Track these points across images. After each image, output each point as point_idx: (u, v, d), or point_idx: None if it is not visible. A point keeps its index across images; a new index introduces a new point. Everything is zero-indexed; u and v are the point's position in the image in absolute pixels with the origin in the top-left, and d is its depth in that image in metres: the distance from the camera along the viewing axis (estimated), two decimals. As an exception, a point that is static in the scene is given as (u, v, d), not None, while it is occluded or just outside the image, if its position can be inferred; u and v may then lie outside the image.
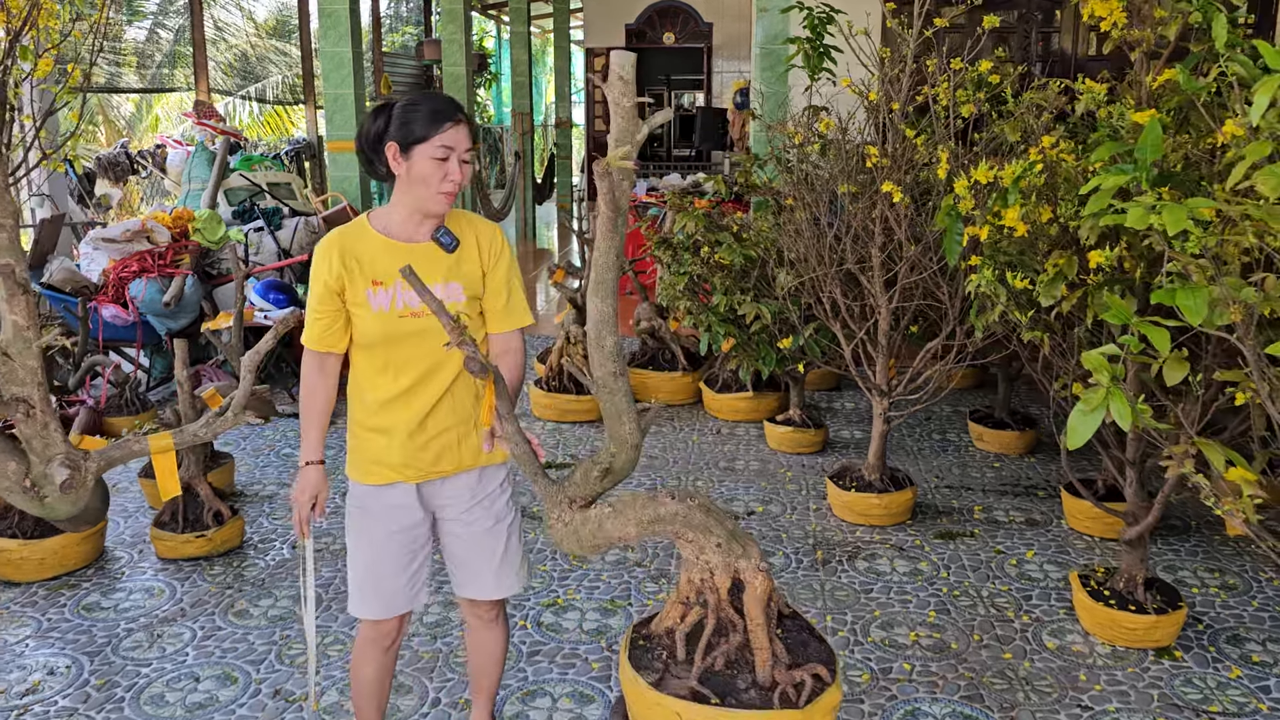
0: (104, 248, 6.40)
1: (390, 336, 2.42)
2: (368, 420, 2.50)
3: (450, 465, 2.52)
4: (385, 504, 2.54)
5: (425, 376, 2.42)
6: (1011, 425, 5.44)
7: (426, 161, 2.31)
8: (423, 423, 2.46)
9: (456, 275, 2.42)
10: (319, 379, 2.52)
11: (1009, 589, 3.91)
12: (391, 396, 2.46)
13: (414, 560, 2.58)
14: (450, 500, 2.57)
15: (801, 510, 4.70)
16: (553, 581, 3.98)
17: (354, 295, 2.41)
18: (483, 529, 2.58)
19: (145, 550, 4.28)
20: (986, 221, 3.13)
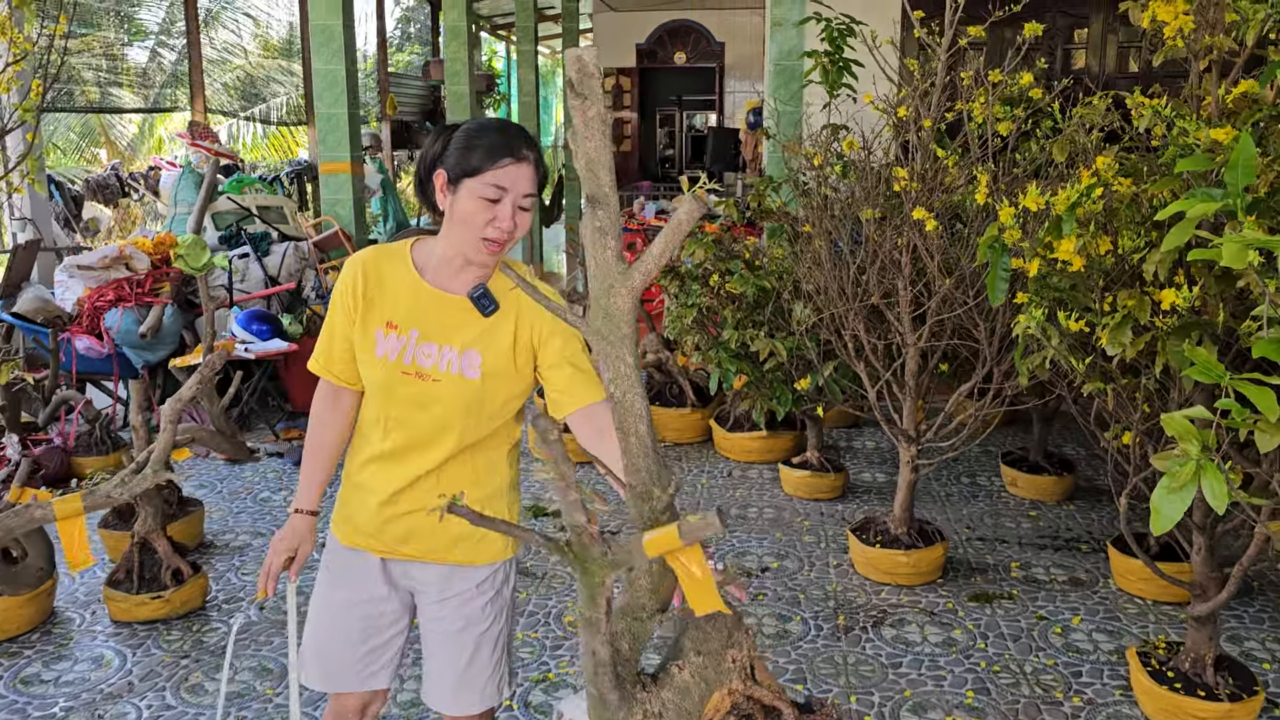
0: (79, 275, 6.05)
1: (386, 391, 2.08)
2: (354, 471, 2.18)
3: (417, 550, 2.16)
4: (349, 568, 2.20)
5: (414, 446, 2.08)
6: (1048, 469, 5.01)
7: (473, 200, 1.94)
8: (397, 494, 2.11)
9: (480, 344, 2.04)
10: (329, 414, 2.19)
11: (1055, 663, 3.49)
12: (376, 454, 2.12)
13: (370, 638, 2.22)
14: (420, 587, 2.22)
15: (820, 567, 4.28)
16: (544, 652, 3.57)
17: (363, 332, 2.07)
18: (449, 630, 2.20)
19: (99, 612, 3.89)
20: (1036, 254, 2.72)
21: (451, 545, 2.14)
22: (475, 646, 2.18)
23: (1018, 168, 3.59)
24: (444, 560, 2.16)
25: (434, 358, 2.03)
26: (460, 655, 2.19)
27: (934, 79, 3.54)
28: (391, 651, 2.26)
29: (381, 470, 2.11)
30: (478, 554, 2.17)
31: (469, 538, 2.15)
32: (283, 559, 2.16)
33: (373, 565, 2.18)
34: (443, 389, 2.03)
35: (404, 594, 2.23)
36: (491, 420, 2.10)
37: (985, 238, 2.71)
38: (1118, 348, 2.45)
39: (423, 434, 2.07)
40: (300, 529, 2.18)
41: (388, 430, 2.09)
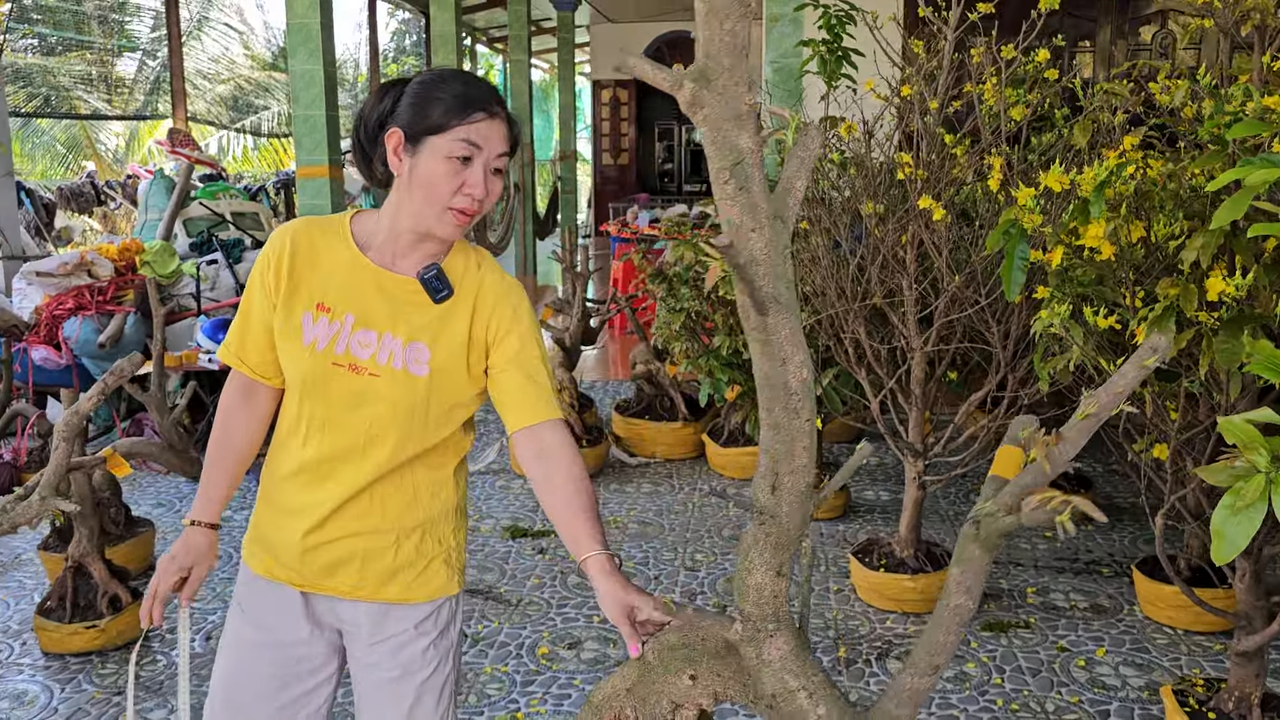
0: (38, 282, 5.75)
1: (311, 386, 1.75)
2: (267, 487, 1.85)
3: (345, 586, 1.82)
4: (263, 603, 1.85)
5: (340, 455, 1.75)
6: (1064, 486, 4.67)
7: (439, 161, 1.66)
8: (322, 519, 1.77)
9: (428, 335, 1.75)
10: (239, 413, 1.85)
11: (1080, 700, 3.14)
12: (296, 467, 1.78)
13: (290, 687, 1.86)
14: (348, 628, 1.87)
15: (820, 592, 3.94)
16: (514, 688, 3.23)
17: (285, 318, 1.75)
18: (383, 679, 1.85)
19: (30, 642, 3.56)
20: (1059, 241, 2.40)
21: (386, 579, 1.81)
22: (415, 698, 1.84)
23: (1033, 154, 3.27)
24: (375, 598, 1.82)
25: (372, 347, 1.72)
26: (397, 708, 1.84)
27: (941, 57, 3.23)
28: (317, 703, 1.90)
29: (303, 488, 1.78)
30: (417, 589, 1.83)
31: (408, 568, 1.82)
32: (173, 580, 1.81)
33: (292, 600, 1.83)
34: (381, 386, 1.72)
35: (330, 634, 1.88)
36: (435, 429, 1.78)
37: (1001, 223, 2.39)
38: (1160, 343, 2.12)
39: (351, 440, 1.74)
40: (197, 544, 1.83)
41: (309, 435, 1.76)
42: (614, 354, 7.84)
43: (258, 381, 1.82)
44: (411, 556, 1.81)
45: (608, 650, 3.45)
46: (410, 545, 1.80)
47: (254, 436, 1.86)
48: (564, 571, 4.11)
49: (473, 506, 4.87)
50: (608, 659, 3.40)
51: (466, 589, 3.90)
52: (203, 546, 1.84)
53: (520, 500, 4.96)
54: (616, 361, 7.66)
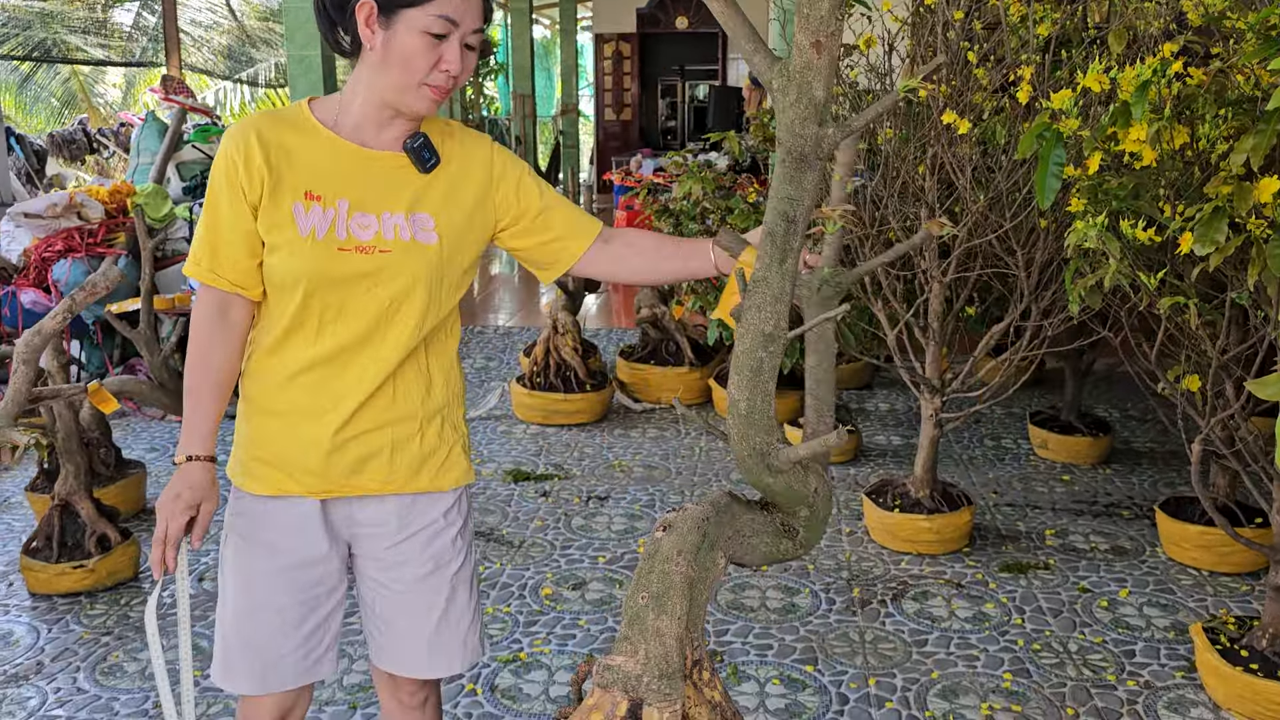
0: (26, 224, 5.59)
1: (319, 277, 1.65)
2: (265, 398, 1.72)
3: (375, 482, 1.74)
4: (275, 526, 1.73)
5: (360, 342, 1.68)
6: (1082, 430, 4.54)
7: (415, 36, 1.58)
8: (350, 412, 1.69)
9: (428, 204, 1.70)
10: (218, 331, 1.71)
11: (1103, 640, 3.03)
12: (304, 365, 1.68)
13: (311, 615, 1.77)
14: (370, 530, 1.77)
15: (832, 534, 3.82)
16: (516, 628, 3.12)
17: (273, 211, 1.64)
18: (414, 576, 1.79)
19: (17, 583, 3.45)
20: (1097, 147, 2.25)
21: (416, 468, 1.76)
22: (450, 590, 1.80)
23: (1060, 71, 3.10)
24: (406, 489, 1.76)
25: (374, 228, 1.66)
26: (434, 604, 1.80)
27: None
28: (334, 628, 1.82)
29: (318, 385, 1.69)
30: (443, 477, 1.79)
31: (433, 456, 1.77)
32: (183, 520, 1.66)
33: (308, 513, 1.73)
34: (394, 261, 1.66)
35: (343, 548, 1.80)
36: (450, 296, 1.74)
37: (1034, 126, 2.23)
38: (1209, 246, 1.97)
39: (369, 323, 1.67)
40: (199, 480, 1.68)
41: (321, 327, 1.67)
42: (617, 302, 7.69)
43: (234, 295, 1.69)
44: (435, 443, 1.77)
45: (613, 591, 3.34)
46: (433, 432, 1.77)
47: (234, 359, 1.72)
48: (567, 514, 4.00)
49: (474, 451, 4.74)
50: (613, 600, 3.28)
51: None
52: (205, 481, 1.69)
53: (522, 445, 4.83)
54: (620, 309, 7.52)
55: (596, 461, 4.59)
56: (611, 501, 4.13)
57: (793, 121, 1.27)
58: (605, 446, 4.80)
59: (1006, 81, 3.12)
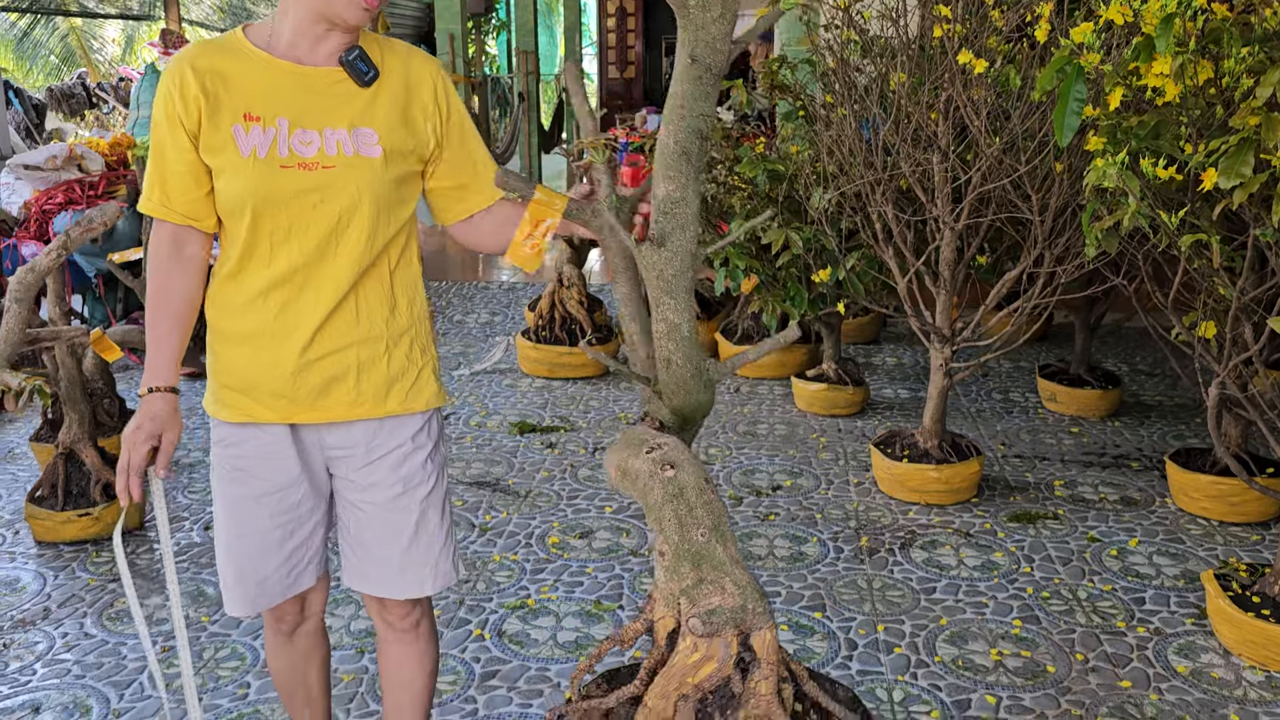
0: (26, 177, 5.53)
1: (265, 196, 1.65)
2: (228, 325, 1.73)
3: (340, 406, 1.74)
4: (248, 453, 1.76)
5: (315, 260, 1.69)
6: (1091, 383, 4.51)
7: None
8: (312, 332, 1.69)
9: (369, 119, 1.70)
10: (174, 265, 1.71)
11: (1113, 588, 3.01)
12: (262, 289, 1.70)
13: (292, 536, 1.80)
14: (341, 453, 1.79)
15: (840, 485, 3.80)
16: (523, 575, 3.11)
17: (213, 135, 1.65)
18: (385, 497, 1.81)
19: (23, 532, 3.44)
20: (1118, 82, 2.20)
21: (384, 391, 1.76)
22: (420, 513, 1.82)
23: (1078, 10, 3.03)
24: (374, 413, 1.76)
25: (316, 144, 1.66)
26: (404, 525, 1.81)
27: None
28: (316, 544, 1.86)
29: (279, 308, 1.69)
30: (413, 399, 1.80)
31: (401, 378, 1.78)
32: (144, 450, 1.67)
33: (279, 438, 1.75)
34: (339, 176, 1.66)
35: (319, 471, 1.81)
36: (401, 209, 1.74)
37: (1054, 60, 2.18)
38: (1234, 179, 1.93)
39: (322, 238, 1.67)
40: (160, 411, 1.69)
41: (274, 249, 1.67)
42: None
43: (187, 227, 1.70)
44: (403, 365, 1.78)
45: (620, 540, 3.33)
46: (400, 353, 1.77)
47: (193, 291, 1.73)
48: (573, 465, 3.98)
49: (480, 404, 4.73)
50: (620, 548, 3.27)
51: (474, 481, 3.77)
52: (166, 412, 1.71)
53: (529, 398, 4.81)
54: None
55: (602, 414, 4.57)
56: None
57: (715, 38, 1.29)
58: (610, 399, 4.78)
59: (1023, 21, 3.06)
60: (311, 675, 2.02)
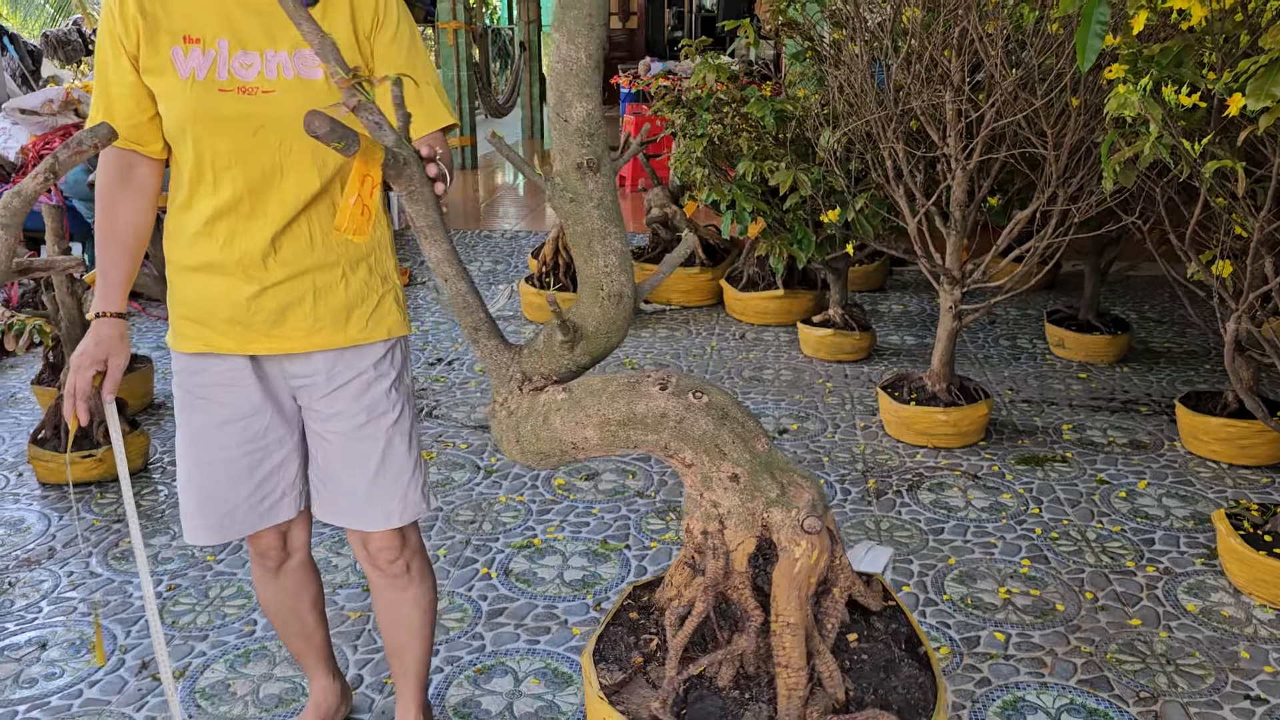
0: (23, 121, 5.46)
1: (203, 121, 1.60)
2: (182, 255, 1.71)
3: (298, 333, 1.70)
4: (208, 380, 1.74)
5: (262, 185, 1.64)
6: (1100, 328, 4.47)
7: None
8: (262, 258, 1.64)
9: None
10: (120, 190, 1.69)
11: (1122, 529, 3.00)
12: (209, 217, 1.65)
13: (261, 464, 1.78)
14: (303, 382, 1.76)
15: (846, 428, 3.78)
16: (529, 516, 3.10)
17: (152, 57, 1.61)
18: (348, 427, 1.77)
19: (26, 474, 3.43)
20: (1143, 5, 2.13)
21: (344, 317, 1.72)
22: (386, 441, 1.77)
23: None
24: (333, 343, 1.72)
25: (256, 67, 1.61)
26: (370, 454, 1.77)
27: None
28: (290, 475, 1.82)
29: (228, 236, 1.65)
30: (374, 328, 1.75)
31: (361, 305, 1.73)
32: (89, 374, 1.66)
33: (238, 366, 1.72)
34: (278, 101, 1.61)
35: (286, 400, 1.78)
36: None
37: (1077, -17, 2.12)
38: (1264, 101, 1.87)
39: (266, 165, 1.62)
40: (107, 335, 1.68)
41: (218, 177, 1.62)
42: (627, 203, 7.57)
43: (132, 152, 1.67)
44: (362, 291, 1.73)
45: (625, 482, 3.31)
46: (358, 279, 1.73)
47: (140, 217, 1.71)
48: (579, 410, 3.95)
49: (483, 350, 4.69)
50: (626, 490, 3.25)
51: (478, 424, 3.75)
52: (114, 337, 1.70)
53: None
54: (627, 215, 7.40)
55: (607, 361, 4.53)
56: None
57: None
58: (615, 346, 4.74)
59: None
60: (304, 610, 2.01)
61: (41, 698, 2.26)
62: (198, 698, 2.26)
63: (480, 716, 2.19)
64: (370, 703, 2.25)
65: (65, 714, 2.21)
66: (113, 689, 2.30)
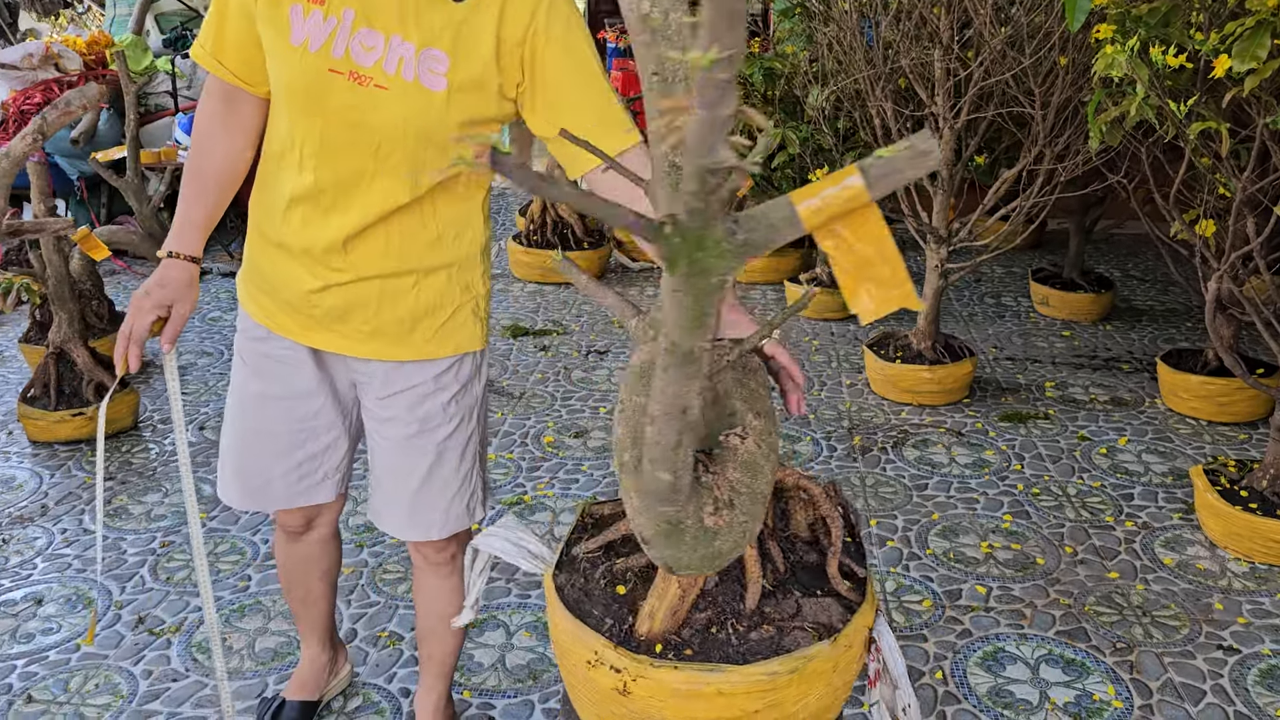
0: (3, 76, 5.38)
1: (305, 96, 1.46)
2: (262, 220, 1.60)
3: (359, 336, 1.59)
4: (267, 354, 1.66)
5: (348, 184, 1.49)
6: (1084, 287, 4.51)
7: None
8: (328, 256, 1.53)
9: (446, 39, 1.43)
10: (218, 126, 1.58)
11: (1102, 485, 3.06)
12: (292, 197, 1.53)
13: (305, 444, 1.71)
14: (362, 378, 1.67)
15: (832, 386, 3.82)
16: (519, 473, 3.13)
17: (270, 7, 1.45)
18: (401, 434, 1.66)
19: (16, 432, 3.44)
20: (1131, -35, 2.14)
21: (407, 328, 1.58)
22: (436, 455, 1.66)
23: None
24: (392, 355, 1.61)
25: (378, 52, 1.43)
26: (416, 467, 1.67)
27: None
28: (334, 460, 1.75)
29: (303, 222, 1.53)
30: (441, 342, 1.62)
31: (430, 316, 1.59)
32: (149, 319, 1.56)
33: (298, 350, 1.64)
34: (389, 100, 1.43)
35: (345, 387, 1.70)
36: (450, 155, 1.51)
37: (1067, -57, 2.12)
38: (1249, 63, 1.89)
39: (357, 165, 1.47)
40: (175, 278, 1.58)
41: (305, 159, 1.49)
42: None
43: (238, 88, 1.54)
44: (435, 300, 1.58)
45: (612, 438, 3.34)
46: (433, 288, 1.58)
47: (236, 155, 1.60)
48: (566, 368, 3.98)
49: (471, 308, 4.70)
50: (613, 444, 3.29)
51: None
52: (182, 281, 1.59)
53: (521, 302, 4.79)
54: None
55: (595, 318, 4.56)
56: (611, 356, 4.12)
57: None
58: (603, 304, 4.76)
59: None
60: (312, 579, 1.96)
61: (39, 652, 2.30)
62: (194, 651, 2.30)
63: (473, 669, 2.23)
64: (364, 656, 2.29)
65: (64, 668, 2.25)
66: (109, 643, 2.33)
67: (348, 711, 2.11)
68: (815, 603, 1.30)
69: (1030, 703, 2.12)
